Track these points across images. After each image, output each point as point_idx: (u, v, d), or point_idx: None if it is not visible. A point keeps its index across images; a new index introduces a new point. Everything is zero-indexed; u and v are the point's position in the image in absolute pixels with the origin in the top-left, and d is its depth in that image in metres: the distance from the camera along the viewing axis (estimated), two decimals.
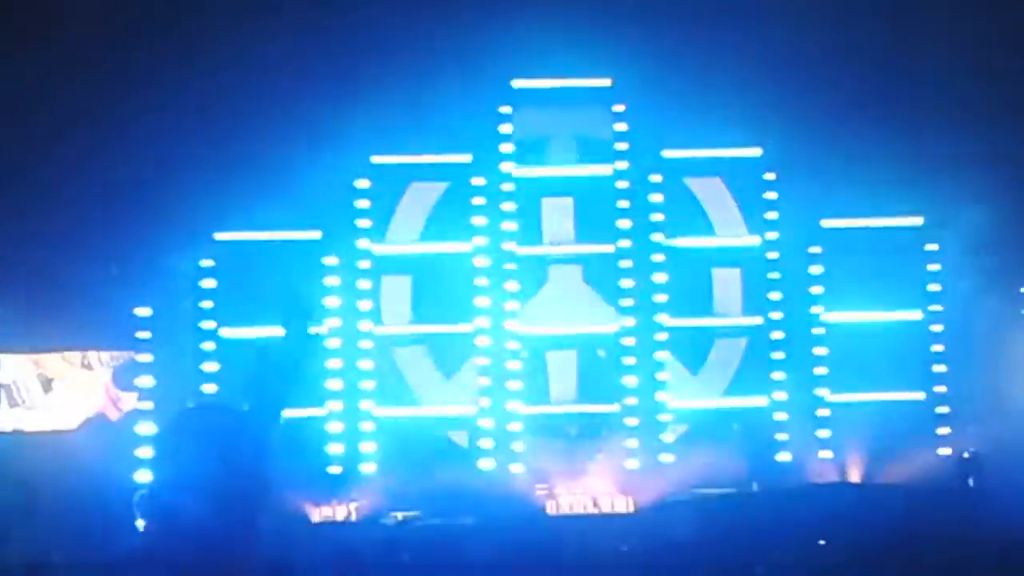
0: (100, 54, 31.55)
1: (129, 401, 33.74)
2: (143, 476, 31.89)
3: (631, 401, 34.44)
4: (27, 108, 31.50)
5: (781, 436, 34.11)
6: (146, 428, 32.94)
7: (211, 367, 34.02)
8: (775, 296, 34.78)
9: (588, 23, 34.07)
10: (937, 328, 34.43)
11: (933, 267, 34.58)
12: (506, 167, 35.31)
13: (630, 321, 34.70)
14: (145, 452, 32.15)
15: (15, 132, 31.51)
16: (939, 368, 34.34)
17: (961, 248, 33.75)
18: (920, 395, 34.28)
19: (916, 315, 34.54)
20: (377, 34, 32.58)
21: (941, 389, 34.26)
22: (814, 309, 34.54)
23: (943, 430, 33.99)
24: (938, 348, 34.40)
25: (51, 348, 34.05)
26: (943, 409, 34.12)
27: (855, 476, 33.18)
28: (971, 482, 31.56)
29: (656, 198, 35.11)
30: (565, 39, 34.47)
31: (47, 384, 34.16)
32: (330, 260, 34.40)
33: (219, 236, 34.33)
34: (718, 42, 33.34)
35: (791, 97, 32.99)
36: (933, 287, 34.54)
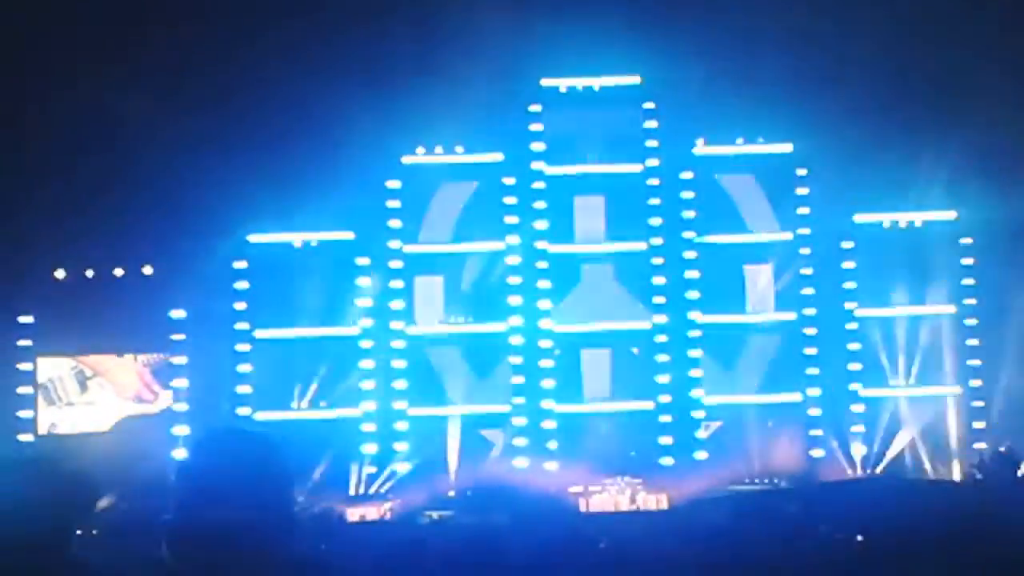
0: (136, 62, 31.75)
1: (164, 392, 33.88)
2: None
3: (665, 398, 34.43)
4: (62, 117, 31.73)
5: (815, 431, 34.03)
6: (181, 429, 33.18)
7: (245, 368, 34.22)
8: (808, 292, 34.69)
9: (617, 22, 34.08)
10: (972, 322, 34.26)
11: (967, 261, 34.39)
12: (537, 166, 35.34)
13: (663, 318, 34.69)
14: (179, 454, 32.38)
15: (51, 141, 31.76)
16: (974, 362, 34.18)
17: (995, 242, 33.65)
18: (956, 389, 34.12)
19: (950, 309, 34.39)
20: (407, 37, 32.69)
21: (976, 383, 34.10)
22: (847, 304, 34.42)
23: (979, 424, 33.84)
24: (973, 342, 34.24)
25: (91, 351, 34.23)
26: (979, 403, 33.95)
27: (889, 470, 33.06)
28: (1006, 475, 31.39)
29: (687, 195, 35.09)
30: (594, 38, 34.51)
31: (83, 383, 34.37)
32: (363, 260, 34.51)
33: (253, 238, 34.51)
34: (748, 39, 33.30)
35: (822, 93, 32.89)
36: (967, 281, 34.36)
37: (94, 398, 34.35)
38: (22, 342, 33.85)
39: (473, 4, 32.90)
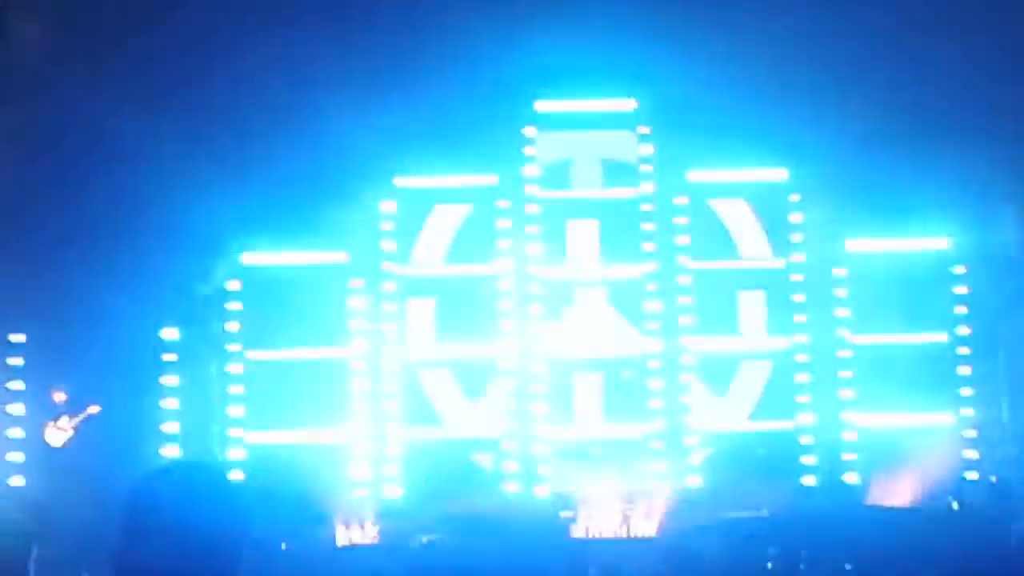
0: (128, 80, 31.71)
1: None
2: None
3: (657, 424, 34.39)
4: (52, 130, 31.72)
5: (807, 459, 33.99)
6: (172, 451, 33.08)
7: (237, 389, 34.15)
8: (800, 319, 34.68)
9: (612, 45, 34.12)
10: (964, 351, 34.26)
11: (959, 289, 34.41)
12: (531, 189, 35.35)
13: (655, 344, 34.67)
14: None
15: (40, 157, 31.74)
16: (966, 391, 34.16)
17: (988, 270, 33.67)
18: (948, 418, 34.10)
19: (942, 337, 34.38)
20: (401, 57, 32.68)
21: (968, 412, 34.08)
22: (839, 331, 34.42)
23: (970, 453, 33.81)
24: (965, 370, 34.23)
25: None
26: (970, 433, 33.93)
27: (881, 500, 33.00)
28: (999, 506, 31.37)
29: (681, 220, 35.09)
30: (589, 61, 34.55)
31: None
32: (356, 282, 34.49)
33: (246, 259, 34.48)
34: (743, 65, 33.31)
35: (816, 120, 32.93)
36: (959, 309, 34.38)
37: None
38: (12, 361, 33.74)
39: (468, 27, 32.93)
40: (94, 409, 33.66)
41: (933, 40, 32.55)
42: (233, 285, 34.38)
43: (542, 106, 35.39)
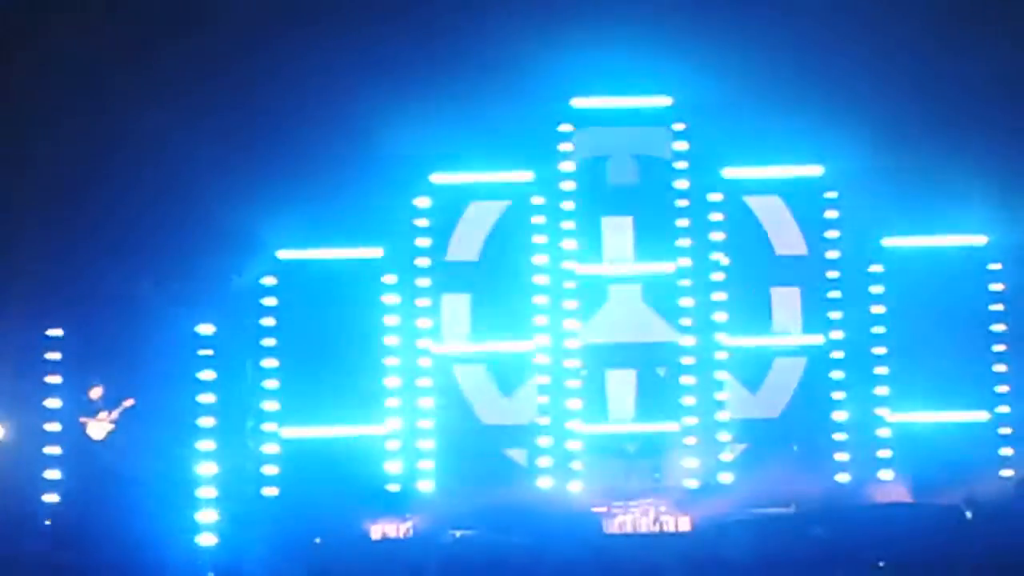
0: (163, 77, 31.94)
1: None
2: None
3: (690, 420, 34.41)
4: (92, 127, 31.95)
5: (842, 456, 33.93)
6: (208, 445, 33.28)
7: (272, 384, 34.32)
8: (835, 315, 34.63)
9: (648, 42, 34.14)
10: (1000, 348, 34.13)
11: (996, 287, 34.28)
12: (566, 186, 35.40)
13: (689, 340, 34.68)
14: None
15: (79, 154, 31.97)
16: (1002, 388, 34.04)
17: None
18: (983, 415, 33.96)
19: (978, 334, 34.22)
20: (437, 54, 32.77)
21: (1004, 409, 33.95)
22: (875, 329, 34.33)
23: (1006, 451, 33.69)
24: (1001, 368, 34.10)
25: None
26: (1006, 430, 33.81)
27: (916, 497, 32.93)
28: None
29: (716, 217, 35.09)
30: (625, 58, 34.57)
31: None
32: (390, 278, 34.62)
33: (282, 254, 34.65)
34: (779, 61, 33.30)
35: (852, 115, 32.90)
36: (995, 307, 34.24)
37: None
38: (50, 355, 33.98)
39: (504, 24, 33.02)
40: (129, 402, 33.95)
41: (970, 34, 32.48)
42: (269, 281, 34.56)
43: (578, 103, 35.42)
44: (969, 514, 28.42)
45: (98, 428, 33.86)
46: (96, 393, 33.95)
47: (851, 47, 32.69)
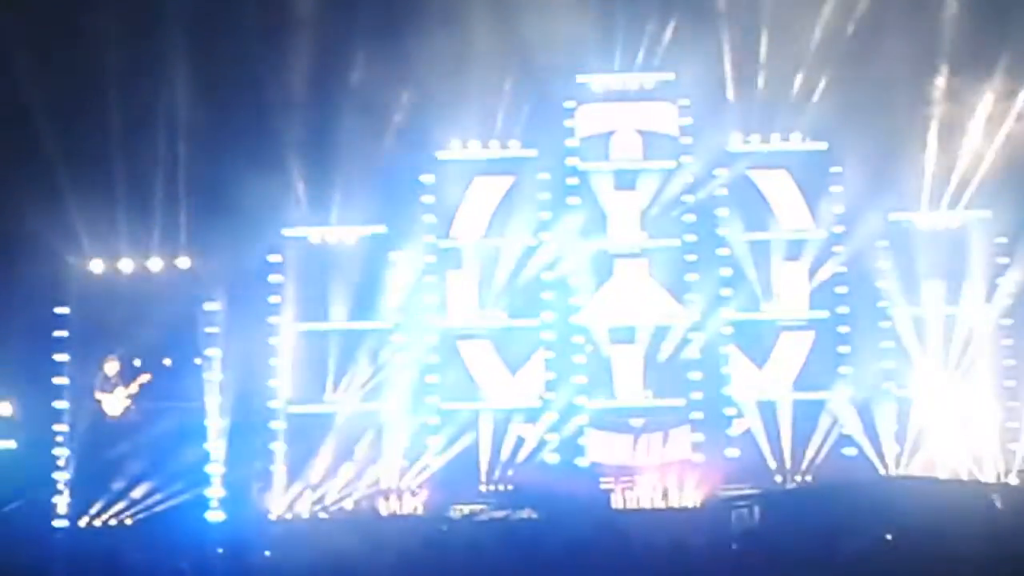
0: (169, 53, 31.93)
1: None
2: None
3: (696, 395, 34.48)
4: (95, 108, 31.98)
5: (848, 430, 34.00)
6: (213, 423, 33.44)
7: (278, 361, 34.43)
8: (841, 290, 34.67)
9: (652, 18, 34.17)
10: (1006, 321, 34.16)
11: (1002, 260, 34.29)
12: (571, 161, 35.44)
13: (695, 315, 34.73)
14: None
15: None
16: (1008, 362, 34.08)
17: None
18: (988, 389, 33.99)
19: (985, 308, 34.25)
20: (442, 32, 32.68)
21: (1010, 384, 34.00)
22: (881, 303, 34.36)
23: (1012, 424, 33.74)
24: (1007, 342, 34.14)
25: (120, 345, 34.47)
26: (1012, 404, 33.86)
27: (920, 470, 33.03)
28: None
29: (721, 192, 35.11)
30: (629, 34, 34.59)
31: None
32: (396, 255, 34.67)
33: (287, 231, 34.73)
34: (783, 38, 33.31)
35: (858, 91, 32.88)
36: (1001, 280, 34.24)
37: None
38: (58, 333, 34.07)
39: (508, 2, 32.99)
40: (145, 378, 34.11)
41: (977, 11, 32.44)
42: (275, 258, 34.63)
43: (583, 79, 35.43)
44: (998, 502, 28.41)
45: (118, 403, 34.03)
46: (112, 369, 34.12)
47: (858, 24, 32.72)
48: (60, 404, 33.91)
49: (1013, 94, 32.72)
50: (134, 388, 33.94)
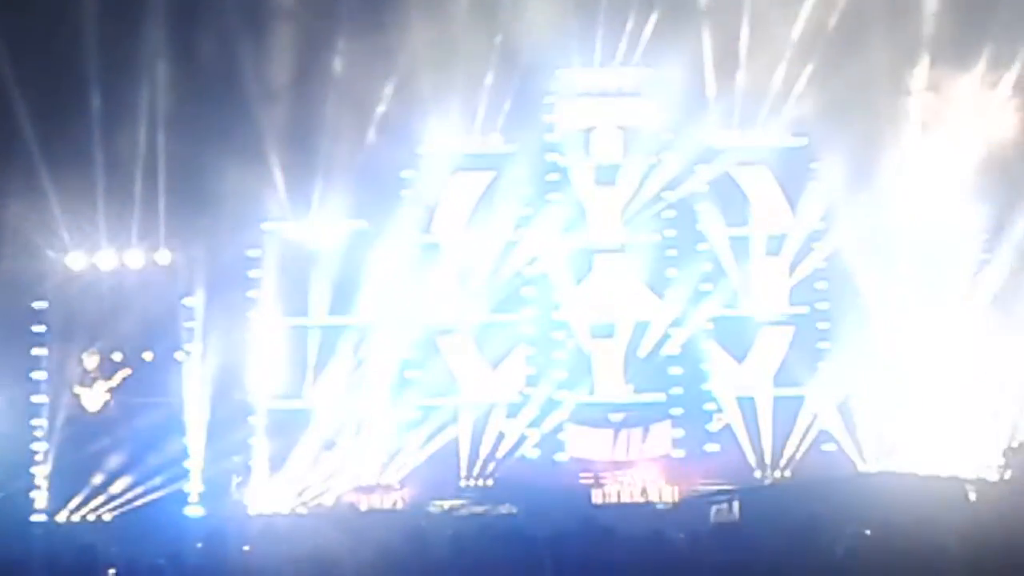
0: (152, 45, 31.90)
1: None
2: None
3: (676, 390, 34.53)
4: (78, 102, 31.91)
5: (826, 425, 34.09)
6: (192, 418, 33.38)
7: (257, 356, 34.39)
8: (821, 286, 34.76)
9: (632, 13, 34.19)
10: (987, 317, 34.21)
11: (984, 256, 34.35)
12: (552, 157, 35.44)
13: (676, 311, 34.76)
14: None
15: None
16: (987, 358, 34.12)
17: (1011, 237, 33.69)
18: (972, 386, 34.02)
19: (966, 305, 34.31)
20: (423, 27, 32.67)
21: (989, 379, 34.02)
22: (861, 299, 34.41)
23: (990, 419, 33.78)
24: (986, 338, 34.17)
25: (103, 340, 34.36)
26: (991, 399, 33.89)
27: (899, 466, 33.08)
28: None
29: (701, 188, 35.16)
30: (610, 29, 34.60)
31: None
32: (376, 250, 34.62)
33: (266, 226, 34.67)
34: (764, 34, 33.35)
35: (837, 87, 32.93)
36: (982, 277, 34.30)
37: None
38: (36, 328, 34.00)
39: None
40: (125, 372, 34.04)
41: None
42: (254, 253, 34.58)
43: (563, 73, 35.44)
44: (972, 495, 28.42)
45: (97, 398, 33.96)
46: (92, 363, 34.05)
47: (838, 17, 32.81)
48: (39, 398, 33.83)
49: (993, 88, 32.81)
50: (113, 382, 33.86)
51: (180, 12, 31.62)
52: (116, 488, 32.99)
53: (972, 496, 26.89)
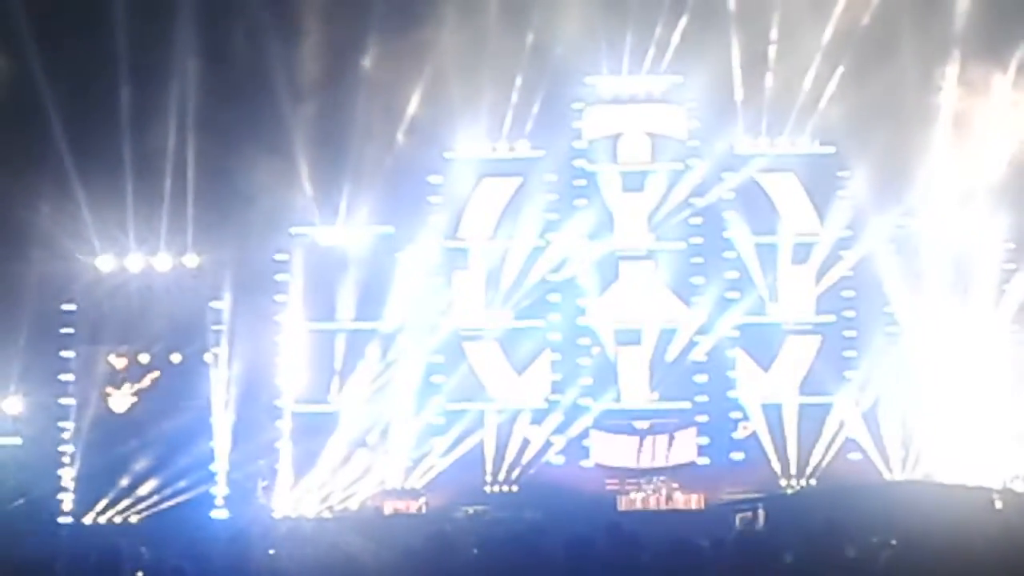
0: (177, 46, 32.00)
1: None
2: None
3: (702, 398, 34.49)
4: (104, 105, 32.04)
5: (852, 434, 34.00)
6: (219, 421, 33.49)
7: (284, 360, 34.47)
8: (848, 294, 34.68)
9: (661, 20, 34.19)
10: (1014, 327, 34.10)
11: (1010, 266, 34.25)
12: (579, 163, 35.46)
13: (702, 318, 34.73)
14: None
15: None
16: (1015, 368, 33.99)
17: None
18: (999, 395, 33.89)
19: (993, 314, 34.19)
20: (452, 33, 32.74)
21: (1016, 389, 33.90)
22: (888, 308, 34.33)
23: (1017, 429, 33.67)
24: (1013, 348, 34.05)
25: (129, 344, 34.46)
26: (1018, 409, 33.77)
27: (926, 475, 32.97)
28: None
29: (728, 195, 35.11)
30: (638, 36, 34.60)
31: None
32: (403, 255, 34.68)
33: (294, 230, 34.76)
34: (792, 41, 33.32)
35: (865, 95, 32.85)
36: (1009, 287, 34.19)
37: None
38: (65, 330, 34.16)
39: (519, 4, 33.02)
40: (153, 375, 34.18)
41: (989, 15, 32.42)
42: (282, 257, 34.68)
43: (591, 80, 35.46)
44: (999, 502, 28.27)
45: (124, 400, 34.11)
46: (120, 365, 34.20)
47: (865, 26, 32.76)
48: (66, 401, 33.99)
49: (1022, 98, 32.68)
50: (142, 385, 34.00)
51: (210, 16, 31.74)
52: (143, 490, 33.11)
53: (999, 505, 26.78)
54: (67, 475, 33.62)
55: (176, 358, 34.17)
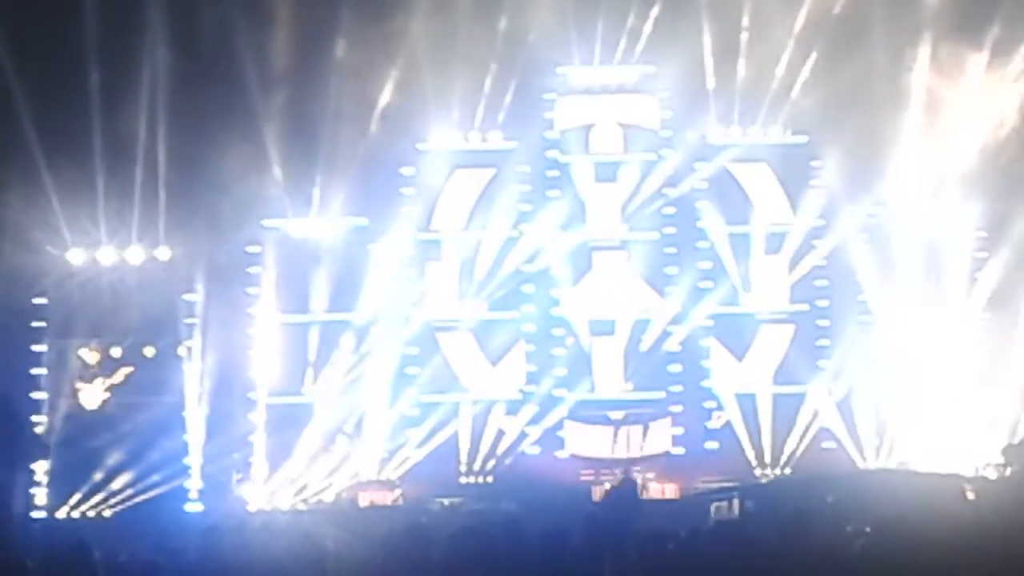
0: (152, 42, 31.89)
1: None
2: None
3: (676, 388, 34.53)
4: (77, 97, 31.90)
5: (826, 423, 34.08)
6: (192, 414, 33.37)
7: (257, 352, 34.39)
8: (821, 283, 34.75)
9: (633, 10, 34.19)
10: (986, 315, 34.22)
11: (982, 254, 34.36)
12: (552, 154, 35.44)
13: (675, 308, 34.76)
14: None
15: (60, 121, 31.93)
16: (986, 356, 34.12)
17: (1009, 236, 33.66)
18: (972, 384, 34.02)
19: (966, 302, 34.31)
20: (423, 24, 32.68)
21: (988, 377, 34.03)
22: (861, 297, 34.41)
23: (989, 417, 33.78)
24: (986, 336, 34.17)
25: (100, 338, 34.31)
26: (990, 397, 33.89)
27: (901, 463, 33.09)
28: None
29: (701, 185, 35.14)
30: (610, 26, 34.59)
31: None
32: (376, 246, 34.61)
33: (266, 222, 34.65)
34: (764, 31, 33.36)
35: (838, 85, 32.92)
36: (982, 276, 34.30)
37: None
38: (36, 324, 34.01)
39: None
40: (126, 369, 34.05)
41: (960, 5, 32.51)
42: (254, 249, 34.57)
43: (562, 71, 35.43)
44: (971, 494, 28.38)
45: (96, 395, 33.95)
46: (93, 359, 34.05)
47: (838, 16, 32.80)
48: (38, 395, 33.82)
49: (994, 87, 32.78)
50: (114, 379, 33.85)
51: (181, 5, 31.62)
52: (116, 484, 32.96)
53: (971, 494, 26.87)
54: (40, 469, 33.42)
55: (149, 351, 34.03)
